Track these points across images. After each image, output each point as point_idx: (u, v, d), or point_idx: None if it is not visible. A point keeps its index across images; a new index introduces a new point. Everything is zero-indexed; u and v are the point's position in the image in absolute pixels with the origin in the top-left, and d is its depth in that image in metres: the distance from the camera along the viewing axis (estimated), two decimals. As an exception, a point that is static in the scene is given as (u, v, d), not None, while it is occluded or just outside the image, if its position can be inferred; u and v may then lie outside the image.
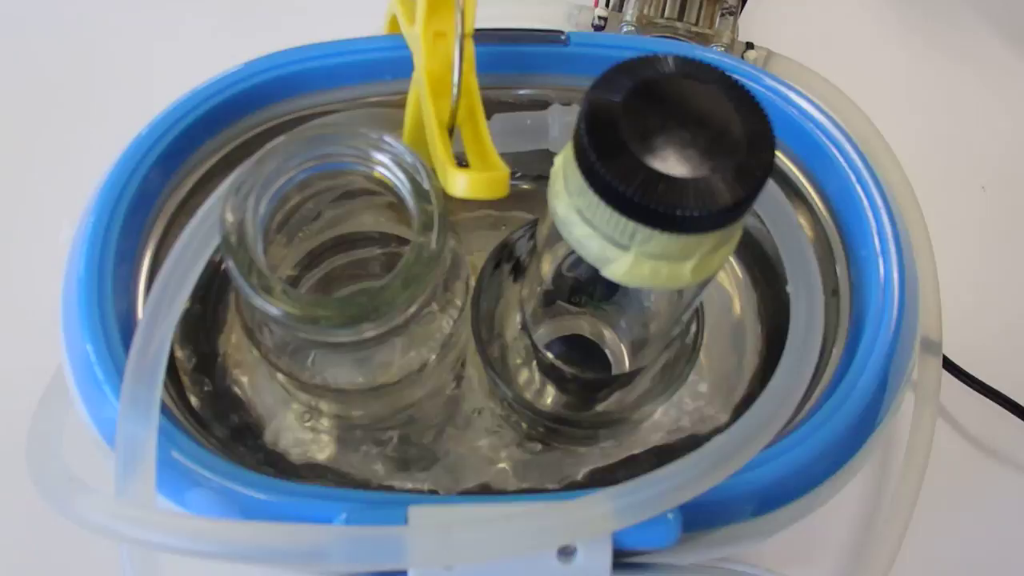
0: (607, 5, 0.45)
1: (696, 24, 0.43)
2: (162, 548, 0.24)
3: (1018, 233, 0.49)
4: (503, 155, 0.32)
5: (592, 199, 0.21)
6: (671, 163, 0.21)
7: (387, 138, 0.27)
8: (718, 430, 0.33)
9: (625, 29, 0.43)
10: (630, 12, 0.43)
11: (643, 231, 0.21)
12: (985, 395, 0.44)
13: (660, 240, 0.22)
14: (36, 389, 0.33)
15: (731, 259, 0.38)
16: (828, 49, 0.51)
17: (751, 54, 0.44)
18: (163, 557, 0.25)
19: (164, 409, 0.28)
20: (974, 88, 0.53)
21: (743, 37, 0.47)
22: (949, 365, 0.44)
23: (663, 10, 0.43)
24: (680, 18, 0.43)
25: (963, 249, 0.48)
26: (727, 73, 0.22)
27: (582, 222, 0.22)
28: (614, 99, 0.21)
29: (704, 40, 0.43)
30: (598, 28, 0.44)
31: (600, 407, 0.35)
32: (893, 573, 0.39)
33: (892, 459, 0.44)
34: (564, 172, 0.23)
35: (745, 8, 0.47)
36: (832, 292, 0.32)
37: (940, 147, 0.51)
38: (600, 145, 0.21)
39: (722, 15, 0.44)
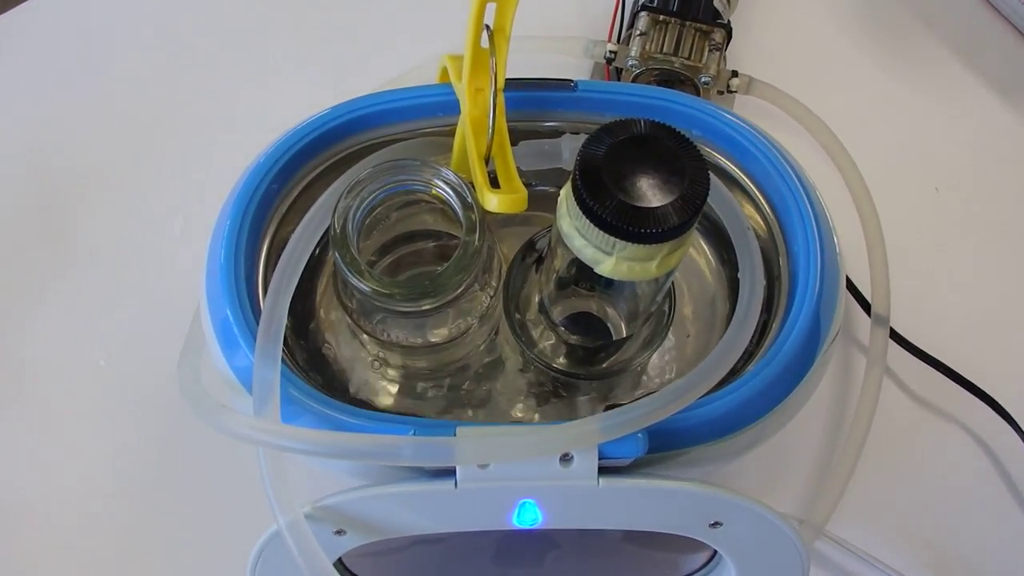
0: (618, 40, 0.52)
1: (689, 58, 0.49)
2: (289, 450, 0.33)
3: (965, 228, 0.54)
4: (528, 172, 0.40)
5: (585, 221, 0.29)
6: (637, 197, 0.29)
7: (443, 168, 0.36)
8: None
9: (630, 63, 0.49)
10: (634, 49, 0.49)
11: (620, 243, 0.29)
12: (926, 362, 0.49)
13: (631, 249, 0.29)
14: (167, 335, 0.42)
15: (707, 251, 0.45)
16: (806, 72, 0.57)
17: (735, 81, 0.50)
18: (286, 460, 0.34)
19: (282, 360, 0.35)
20: (932, 102, 0.58)
21: (734, 65, 0.52)
22: (897, 337, 0.49)
23: (662, 47, 0.50)
24: (675, 53, 0.49)
25: (918, 241, 0.54)
26: (677, 130, 0.30)
27: (579, 235, 0.30)
28: (599, 152, 0.29)
29: (695, 71, 0.49)
30: (609, 60, 0.50)
31: (604, 364, 0.42)
32: (844, 501, 0.45)
33: (847, 412, 0.49)
34: (566, 201, 0.31)
35: (735, 38, 0.52)
36: (775, 278, 0.40)
37: (901, 154, 0.56)
38: (589, 186, 0.29)
39: (710, 50, 0.50)
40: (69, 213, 0.53)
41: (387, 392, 0.42)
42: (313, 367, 0.42)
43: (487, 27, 0.35)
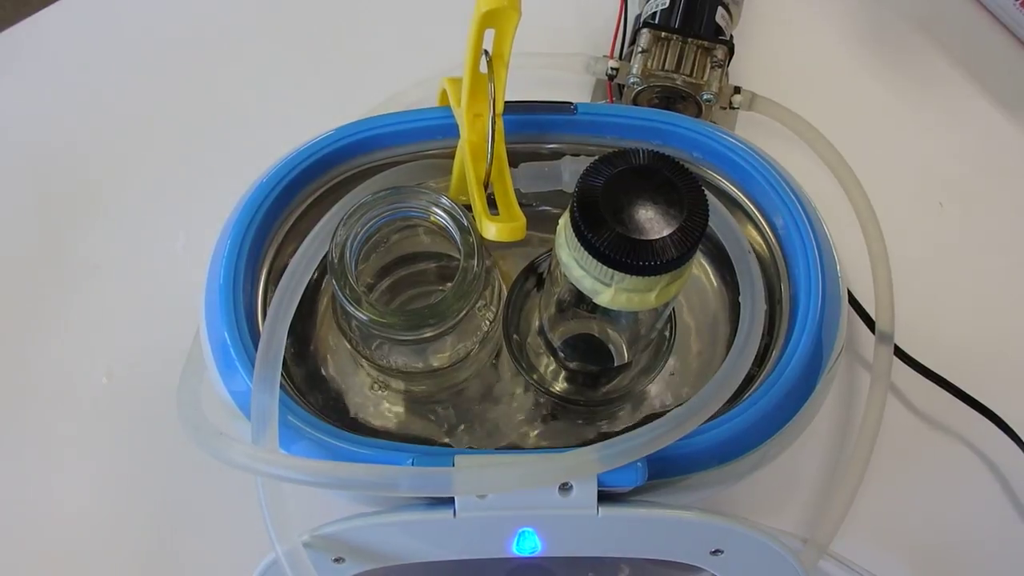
0: (619, 57, 0.52)
1: (691, 75, 0.49)
2: (286, 480, 0.32)
3: (970, 243, 0.54)
4: (529, 195, 0.40)
5: (583, 252, 0.29)
6: (635, 229, 0.28)
7: (437, 194, 0.35)
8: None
9: (632, 80, 0.49)
10: (636, 66, 0.49)
11: (618, 275, 0.29)
12: (931, 380, 0.48)
13: (630, 280, 0.29)
14: (171, 352, 0.41)
15: (710, 272, 0.44)
16: (809, 88, 0.56)
17: (737, 97, 0.50)
18: (285, 487, 0.34)
19: (281, 384, 0.35)
20: (935, 116, 0.57)
21: (736, 81, 0.52)
22: (902, 354, 0.48)
23: (663, 63, 0.49)
24: (677, 70, 0.49)
25: (922, 256, 0.53)
26: (677, 161, 0.30)
27: (578, 266, 0.30)
28: (597, 184, 0.29)
29: (697, 88, 0.49)
30: (611, 77, 0.50)
31: (603, 390, 0.41)
32: (847, 521, 0.44)
33: (851, 429, 0.48)
34: (565, 231, 0.30)
35: (737, 54, 0.51)
36: (777, 301, 0.40)
37: (904, 169, 0.55)
38: (587, 218, 0.29)
39: (712, 67, 0.49)
40: (71, 229, 0.53)
41: (387, 414, 0.42)
42: (312, 389, 0.41)
43: (486, 52, 0.35)
